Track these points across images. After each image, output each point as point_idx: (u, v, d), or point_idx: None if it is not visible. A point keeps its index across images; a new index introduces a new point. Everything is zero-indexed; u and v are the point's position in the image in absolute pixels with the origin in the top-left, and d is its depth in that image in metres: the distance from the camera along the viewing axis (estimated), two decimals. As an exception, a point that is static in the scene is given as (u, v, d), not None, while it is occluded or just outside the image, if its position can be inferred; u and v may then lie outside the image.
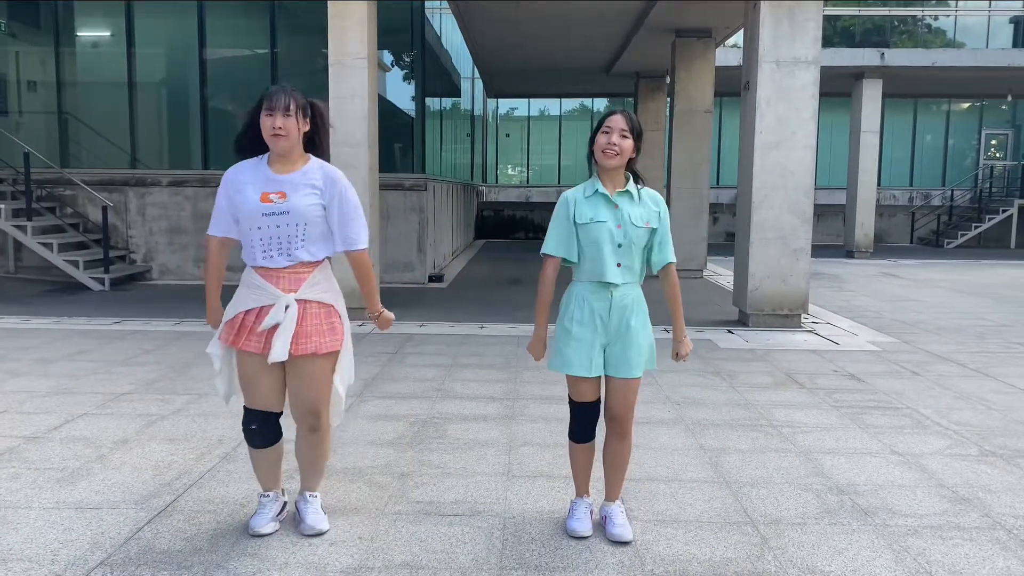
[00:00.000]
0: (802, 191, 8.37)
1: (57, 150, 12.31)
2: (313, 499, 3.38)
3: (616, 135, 3.12)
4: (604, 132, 3.14)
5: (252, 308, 3.13)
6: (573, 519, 3.35)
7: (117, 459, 4.15)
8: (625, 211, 3.16)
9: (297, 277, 3.12)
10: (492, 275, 13.45)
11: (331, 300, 3.21)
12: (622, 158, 3.15)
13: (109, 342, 7.23)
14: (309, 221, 3.12)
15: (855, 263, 16.69)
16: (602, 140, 3.14)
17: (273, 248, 3.11)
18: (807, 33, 8.23)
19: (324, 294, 3.18)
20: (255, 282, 3.13)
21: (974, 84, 20.65)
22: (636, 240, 3.17)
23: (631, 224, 3.15)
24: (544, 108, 26.44)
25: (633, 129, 3.14)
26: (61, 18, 12.55)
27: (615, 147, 3.12)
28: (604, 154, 3.13)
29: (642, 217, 3.18)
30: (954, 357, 7.09)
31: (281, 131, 3.08)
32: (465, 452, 4.33)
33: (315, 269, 3.17)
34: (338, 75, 8.60)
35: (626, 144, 3.13)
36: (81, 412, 4.99)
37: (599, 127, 3.18)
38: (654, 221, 3.21)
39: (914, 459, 4.34)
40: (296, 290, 3.11)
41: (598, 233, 3.14)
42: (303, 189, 3.13)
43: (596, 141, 3.17)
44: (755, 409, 5.29)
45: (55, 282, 11.16)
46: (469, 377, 6.07)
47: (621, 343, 3.21)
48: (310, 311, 3.13)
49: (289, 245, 3.11)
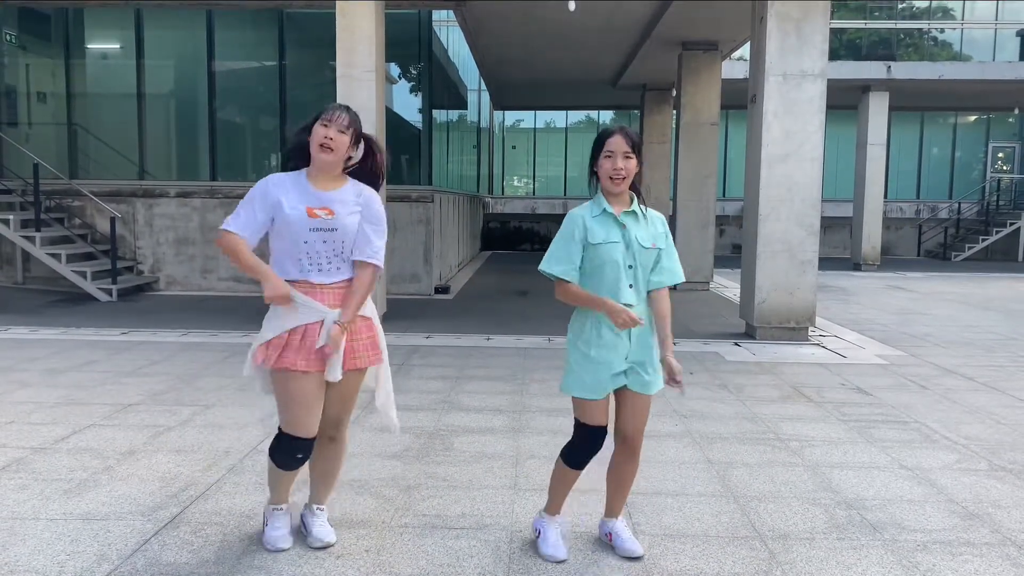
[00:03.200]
0: (809, 203, 8.36)
1: (66, 161, 12.38)
2: (320, 512, 3.37)
3: (620, 159, 3.07)
4: (607, 157, 3.09)
5: (299, 326, 3.05)
6: (547, 545, 3.23)
7: (124, 470, 4.15)
8: (632, 232, 3.12)
9: (339, 292, 3.09)
10: (498, 287, 13.46)
11: (370, 313, 3.21)
12: (629, 180, 3.11)
13: (117, 353, 7.24)
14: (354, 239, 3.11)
15: (862, 276, 16.65)
16: (607, 165, 3.08)
17: (321, 262, 3.06)
18: (814, 46, 8.24)
19: (364, 308, 3.17)
20: (298, 299, 3.05)
21: (981, 97, 20.65)
22: (644, 261, 3.12)
23: (639, 245, 3.10)
24: (550, 120, 26.51)
25: (634, 147, 3.09)
26: (71, 30, 12.65)
27: (621, 171, 3.07)
28: (612, 181, 3.08)
29: (648, 238, 3.14)
30: (962, 371, 7.06)
31: (331, 143, 3.04)
32: (472, 465, 4.32)
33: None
34: (346, 88, 8.65)
35: (631, 165, 3.08)
36: (88, 423, 5.00)
37: (599, 149, 3.12)
38: (660, 242, 3.17)
39: (923, 474, 4.31)
40: (339, 305, 3.08)
41: (612, 254, 3.08)
42: (349, 207, 3.10)
43: (600, 165, 3.11)
44: (762, 422, 5.27)
45: (63, 292, 11.21)
46: (475, 389, 6.06)
47: (639, 362, 3.14)
48: (355, 326, 3.11)
49: (333, 261, 3.08)
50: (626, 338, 3.11)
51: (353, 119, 3.13)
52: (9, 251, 12.04)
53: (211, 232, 11.84)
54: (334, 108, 3.12)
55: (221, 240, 3.09)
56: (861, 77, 17.56)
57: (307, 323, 3.05)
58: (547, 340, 8.14)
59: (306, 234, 3.03)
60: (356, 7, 8.59)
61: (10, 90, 12.88)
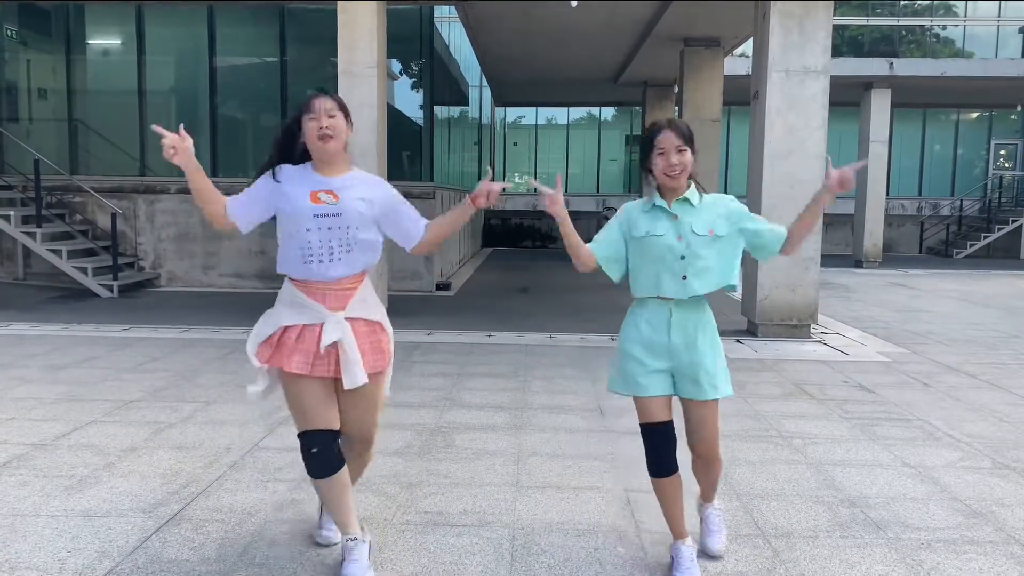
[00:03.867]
0: (811, 201, 8.32)
1: (67, 157, 12.37)
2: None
3: (674, 155, 2.98)
4: (660, 153, 3.00)
5: (294, 325, 2.93)
6: (678, 570, 3.03)
7: (125, 467, 4.15)
8: (686, 221, 3.01)
9: (344, 294, 2.94)
10: (499, 284, 13.44)
11: (377, 317, 3.04)
12: (686, 173, 3.01)
13: (117, 349, 7.24)
14: (360, 225, 2.95)
15: (863, 273, 16.63)
16: (661, 163, 2.99)
17: (324, 253, 2.91)
18: (817, 42, 8.21)
19: (370, 311, 3.02)
20: (298, 300, 2.94)
21: (983, 94, 20.60)
22: (701, 250, 2.99)
23: (693, 233, 2.99)
24: (552, 117, 26.46)
25: (686, 138, 3.00)
26: (72, 26, 12.62)
27: (676, 167, 2.98)
28: (669, 177, 3.00)
29: (705, 225, 3.01)
30: (965, 368, 7.04)
31: (329, 131, 2.91)
32: (473, 462, 4.31)
33: (360, 284, 3.01)
34: (348, 84, 8.63)
35: (687, 159, 2.98)
36: (89, 419, 4.99)
37: (650, 147, 3.03)
38: (719, 227, 3.01)
39: (926, 472, 4.30)
40: (343, 307, 2.94)
41: (655, 247, 2.99)
42: (354, 191, 2.97)
43: (654, 163, 3.02)
44: (765, 420, 5.25)
45: (64, 288, 11.20)
46: (477, 386, 6.05)
47: (689, 363, 3.02)
48: (358, 331, 2.96)
49: (339, 249, 2.91)
50: (665, 335, 3.02)
51: (334, 99, 2.99)
52: (10, 247, 12.02)
53: (211, 228, 11.79)
54: (313, 97, 2.97)
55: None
56: (863, 74, 17.51)
57: (304, 324, 2.93)
58: (549, 337, 8.13)
59: (309, 221, 2.90)
60: (357, 4, 8.57)
61: (11, 86, 12.86)
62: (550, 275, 14.86)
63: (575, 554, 3.23)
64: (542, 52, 14.91)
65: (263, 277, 11.24)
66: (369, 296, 3.04)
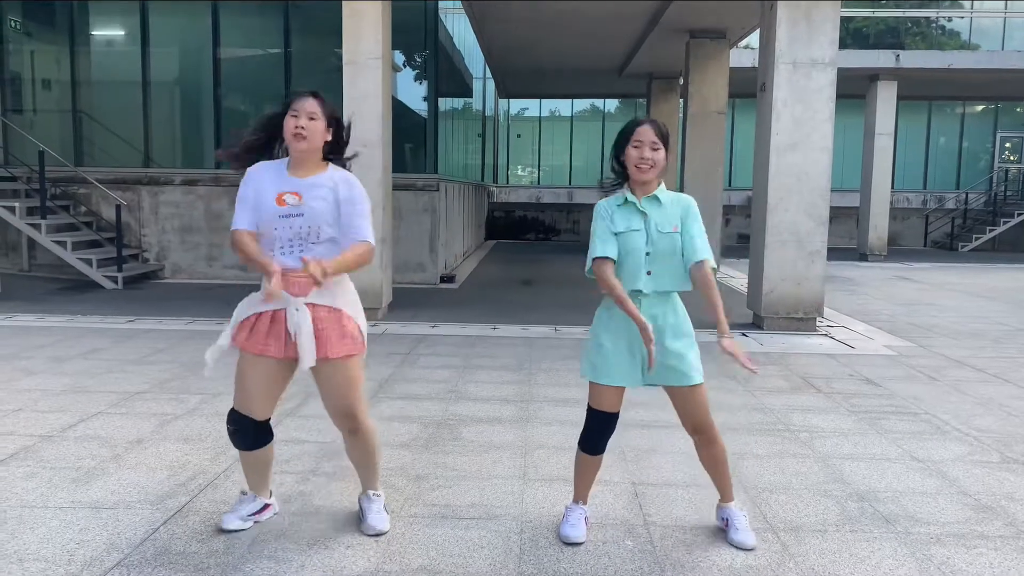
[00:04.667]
0: (818, 194, 8.31)
1: (71, 148, 12.35)
2: (376, 498, 3.39)
3: (647, 149, 3.08)
4: (635, 146, 3.10)
5: (265, 311, 3.12)
6: (567, 524, 3.29)
7: (132, 459, 4.14)
8: (653, 218, 3.13)
9: (308, 282, 3.02)
10: (503, 276, 13.43)
11: (340, 305, 3.15)
12: (656, 170, 3.12)
13: (122, 341, 7.24)
14: (324, 223, 3.10)
15: (869, 266, 16.59)
16: (634, 154, 3.10)
17: (291, 247, 3.09)
18: (824, 34, 8.17)
19: (334, 300, 3.13)
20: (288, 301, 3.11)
21: (990, 86, 20.49)
22: (663, 247, 3.11)
23: (658, 231, 3.11)
24: (555, 109, 26.39)
25: (663, 137, 3.12)
26: (76, 17, 12.60)
27: (648, 161, 3.09)
28: (638, 169, 3.10)
29: (669, 222, 3.13)
30: (971, 362, 7.02)
31: (303, 131, 3.07)
32: (480, 455, 4.30)
33: None
34: (352, 75, 8.60)
35: (659, 156, 3.10)
36: (96, 411, 4.99)
37: (627, 138, 3.13)
38: (681, 224, 3.15)
39: (934, 465, 4.28)
40: (307, 294, 3.07)
41: (632, 242, 3.11)
42: (318, 191, 3.11)
43: (627, 154, 3.12)
44: (772, 413, 5.24)
45: (69, 280, 11.20)
46: (482, 379, 6.04)
47: (674, 352, 3.14)
48: (319, 315, 3.10)
49: (302, 246, 3.09)
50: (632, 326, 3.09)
51: (323, 104, 3.12)
52: (15, 238, 12.03)
53: (215, 220, 11.82)
54: (300, 95, 3.12)
55: (234, 241, 3.16)
56: (869, 66, 17.42)
57: (274, 309, 3.10)
58: (554, 330, 8.12)
59: (275, 221, 3.08)
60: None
61: (15, 77, 12.84)
62: (553, 267, 14.85)
63: (583, 547, 3.22)
64: (547, 43, 14.85)
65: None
66: (334, 286, 3.13)
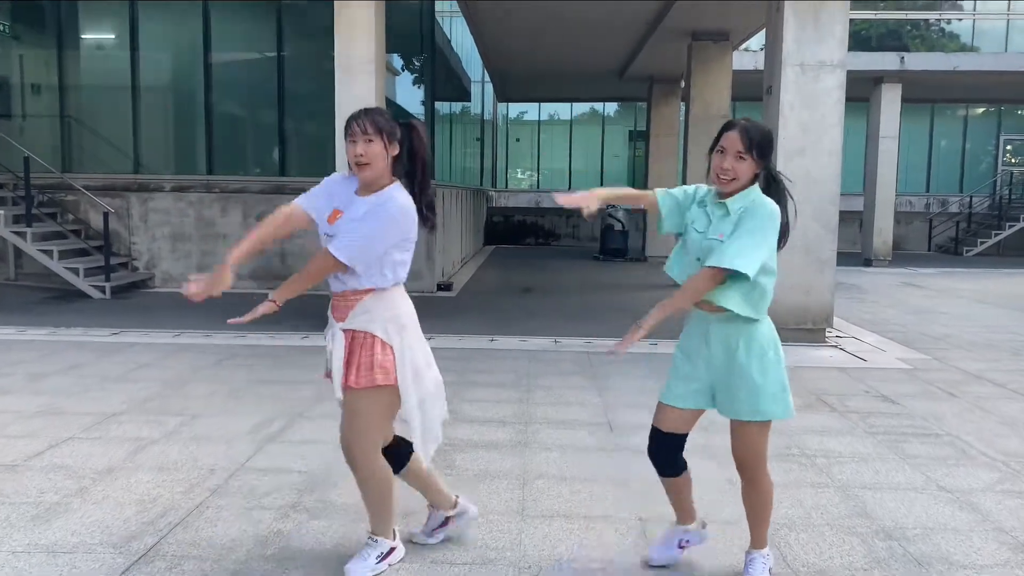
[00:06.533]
0: (828, 199, 8.02)
1: (59, 154, 12.06)
2: (369, 544, 3.09)
3: (731, 158, 2.75)
4: (719, 152, 2.79)
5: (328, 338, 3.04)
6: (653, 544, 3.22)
7: (99, 492, 3.84)
8: (716, 224, 2.81)
9: (347, 305, 2.94)
10: (502, 283, 13.13)
11: (378, 331, 2.93)
12: (739, 183, 2.78)
13: (105, 355, 6.94)
14: None
15: (874, 272, 16.30)
16: (715, 162, 2.79)
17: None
18: (833, 35, 7.89)
19: (370, 324, 2.92)
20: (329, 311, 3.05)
21: (993, 89, 20.23)
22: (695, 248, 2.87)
23: (707, 237, 2.81)
24: (554, 112, 26.12)
25: (752, 146, 2.74)
26: (64, 20, 12.32)
27: (728, 172, 2.76)
28: (718, 179, 2.80)
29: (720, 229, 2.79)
30: (990, 376, 6.72)
31: (363, 158, 2.84)
32: (475, 486, 4.00)
33: (365, 297, 2.93)
34: (345, 79, 8.30)
35: (741, 167, 2.74)
36: (67, 436, 4.69)
37: (716, 141, 2.82)
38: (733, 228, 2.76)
39: (964, 496, 3.99)
40: (345, 319, 2.95)
41: (689, 242, 2.90)
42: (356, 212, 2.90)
43: (712, 159, 2.82)
44: (785, 435, 4.94)
45: (56, 289, 10.90)
46: (478, 397, 5.74)
47: (727, 380, 2.85)
48: (356, 341, 2.93)
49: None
50: (705, 347, 2.86)
51: (377, 123, 2.86)
52: (0, 247, 11.73)
53: (207, 227, 11.53)
54: (352, 118, 2.88)
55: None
56: (874, 68, 17.13)
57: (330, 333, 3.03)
58: (554, 342, 7.82)
59: (322, 238, 2.97)
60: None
61: (2, 82, 12.55)
62: (553, 273, 14.55)
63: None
64: (546, 46, 14.57)
65: (257, 278, 10.92)
66: (372, 310, 2.93)
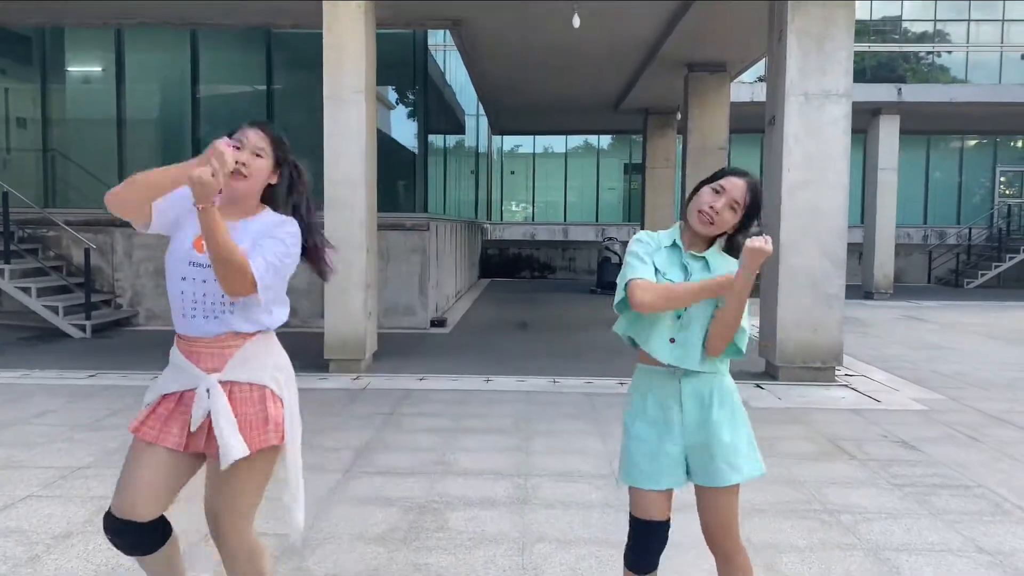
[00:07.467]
0: (835, 233, 7.74)
1: (42, 189, 11.75)
2: None
3: (724, 201, 2.46)
4: (715, 191, 2.48)
5: (173, 392, 2.43)
6: None
7: (52, 562, 3.46)
8: (696, 278, 2.48)
9: (221, 353, 2.40)
10: (498, 318, 12.77)
11: (267, 381, 2.43)
12: (715, 230, 2.49)
13: (77, 400, 6.55)
14: None
15: (875, 305, 16.00)
16: (706, 197, 2.48)
17: (196, 308, 2.41)
18: (838, 64, 7.65)
19: (257, 372, 2.42)
20: (176, 360, 2.45)
21: (990, 120, 20.16)
22: (696, 312, 2.47)
23: None
24: (549, 145, 26.00)
25: (749, 206, 2.48)
26: (49, 53, 12.08)
27: (713, 214, 2.46)
28: (699, 215, 2.48)
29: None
30: (1011, 418, 6.38)
31: (244, 168, 2.44)
32: (470, 552, 3.63)
33: (247, 342, 2.42)
34: (334, 110, 8.02)
35: (727, 217, 2.46)
36: (25, 494, 4.31)
37: (712, 179, 2.52)
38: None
39: (1006, 559, 3.63)
40: (220, 369, 2.39)
41: None
42: (245, 238, 2.41)
43: (700, 193, 2.50)
44: (804, 488, 4.58)
45: (35, 328, 10.51)
46: (473, 446, 5.37)
47: (703, 443, 2.48)
48: (238, 396, 2.39)
49: (213, 308, 2.40)
50: (678, 412, 2.49)
51: (272, 138, 2.51)
52: (-21, 284, 11.36)
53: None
54: (248, 126, 2.52)
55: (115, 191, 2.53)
56: (872, 100, 17.02)
57: (183, 390, 2.42)
58: (552, 382, 7.46)
59: (184, 268, 2.41)
60: (343, 25, 7.99)
61: (-15, 115, 12.29)
62: (549, 308, 14.21)
63: None
64: (541, 78, 14.38)
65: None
66: (259, 356, 2.44)
